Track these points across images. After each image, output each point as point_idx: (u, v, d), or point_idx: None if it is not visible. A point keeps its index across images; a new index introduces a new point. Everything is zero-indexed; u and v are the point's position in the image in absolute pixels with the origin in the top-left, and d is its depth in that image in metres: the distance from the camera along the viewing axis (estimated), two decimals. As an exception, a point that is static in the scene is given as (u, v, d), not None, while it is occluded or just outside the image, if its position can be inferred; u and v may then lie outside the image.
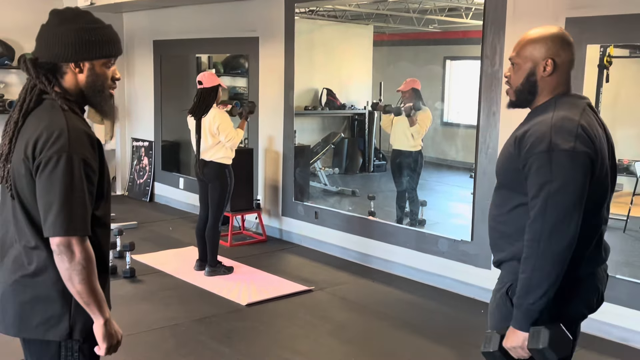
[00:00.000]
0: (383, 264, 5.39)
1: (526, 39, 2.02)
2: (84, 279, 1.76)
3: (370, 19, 7.55)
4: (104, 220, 1.93)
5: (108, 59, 1.91)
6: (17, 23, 7.42)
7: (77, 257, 1.76)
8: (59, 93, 1.86)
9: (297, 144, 6.39)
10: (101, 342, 1.86)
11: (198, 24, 7.10)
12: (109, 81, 1.93)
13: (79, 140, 1.79)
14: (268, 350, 3.82)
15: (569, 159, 1.84)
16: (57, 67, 1.87)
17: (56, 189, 1.74)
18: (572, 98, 2.01)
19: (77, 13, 1.91)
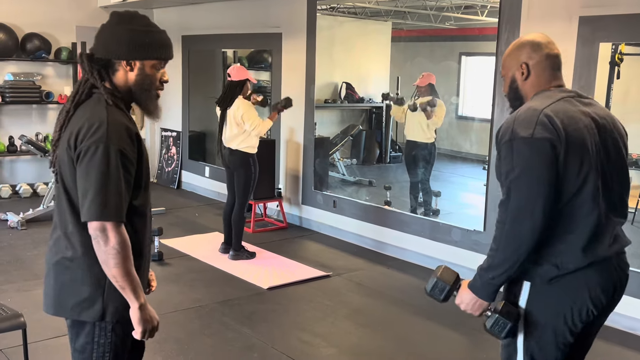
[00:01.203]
0: (398, 252, 5.50)
1: (505, 52, 2.13)
2: (118, 263, 1.82)
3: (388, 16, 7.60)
4: (142, 209, 1.97)
5: (158, 62, 1.99)
6: (54, 18, 7.66)
7: (112, 242, 1.81)
8: (107, 88, 1.94)
9: (317, 136, 6.50)
10: (136, 325, 1.91)
11: (224, 20, 7.23)
12: (157, 82, 2.01)
13: (118, 133, 1.85)
14: (287, 331, 3.93)
15: (527, 146, 1.88)
16: (110, 64, 1.95)
17: (92, 176, 1.81)
18: (550, 91, 2.04)
19: (134, 15, 2.00)
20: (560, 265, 1.94)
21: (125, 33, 1.94)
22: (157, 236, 5.25)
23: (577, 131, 1.93)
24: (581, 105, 2.02)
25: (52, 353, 3.55)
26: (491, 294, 1.99)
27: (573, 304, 1.96)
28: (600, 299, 1.97)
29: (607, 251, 1.97)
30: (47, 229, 6.53)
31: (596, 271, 1.96)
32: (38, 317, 3.94)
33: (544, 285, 1.97)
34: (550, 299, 1.97)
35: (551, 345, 2.00)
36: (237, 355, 3.56)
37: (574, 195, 1.93)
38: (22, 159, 7.75)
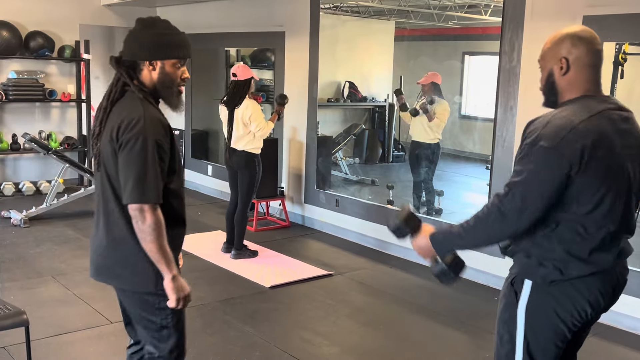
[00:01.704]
0: (400, 251, 5.50)
1: (546, 41, 2.04)
2: (153, 239, 2.08)
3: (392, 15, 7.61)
4: (177, 191, 2.24)
5: (177, 60, 2.20)
6: (58, 16, 7.69)
7: (148, 221, 2.07)
8: (137, 86, 2.18)
9: (320, 135, 6.52)
10: (170, 294, 2.15)
11: (227, 19, 7.25)
12: (178, 80, 2.23)
13: (153, 126, 2.10)
14: (290, 330, 3.94)
15: (545, 157, 1.86)
16: (136, 65, 2.19)
17: (133, 164, 2.06)
18: (592, 100, 1.96)
19: (156, 21, 2.22)
20: (564, 271, 1.95)
21: (147, 37, 2.18)
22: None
23: (604, 154, 1.89)
24: (620, 122, 1.96)
25: (55, 350, 3.56)
26: (445, 251, 2.09)
27: (573, 306, 1.98)
28: (599, 302, 2.00)
29: (611, 263, 1.99)
30: (50, 227, 6.61)
31: (598, 279, 1.98)
32: (41, 314, 3.98)
33: (545, 286, 1.99)
34: (550, 301, 1.99)
35: (550, 343, 2.02)
36: (239, 353, 3.57)
37: (587, 212, 1.92)
38: (25, 156, 7.77)
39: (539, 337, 2.01)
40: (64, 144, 7.82)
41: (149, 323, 2.28)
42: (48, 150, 6.48)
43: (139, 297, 2.26)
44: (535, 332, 2.01)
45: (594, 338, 3.89)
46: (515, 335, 2.04)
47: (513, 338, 2.05)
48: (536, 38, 4.43)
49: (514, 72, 4.58)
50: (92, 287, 4.57)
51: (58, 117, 8.01)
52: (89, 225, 6.46)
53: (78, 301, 4.29)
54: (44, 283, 4.62)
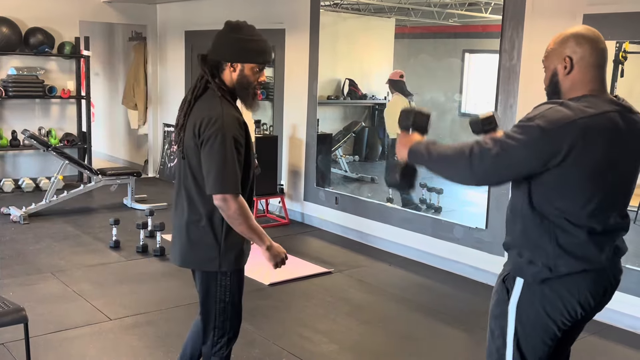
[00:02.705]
0: (400, 249, 5.52)
1: (550, 42, 2.03)
2: (241, 223, 2.35)
3: (392, 12, 7.59)
4: (245, 182, 2.43)
5: (256, 65, 2.38)
6: (58, 12, 7.68)
7: (232, 209, 2.32)
8: (217, 84, 2.38)
9: (320, 132, 6.51)
10: (269, 261, 2.51)
11: (227, 16, 7.15)
12: (254, 83, 2.41)
13: (231, 123, 2.32)
14: (289, 328, 3.94)
15: (531, 132, 1.86)
16: (219, 64, 2.40)
17: (214, 158, 2.29)
18: (599, 99, 1.94)
19: (242, 26, 2.40)
20: (554, 269, 1.96)
21: (231, 40, 2.38)
22: (159, 231, 5.28)
23: (596, 153, 1.88)
24: (623, 124, 1.93)
25: (54, 347, 3.56)
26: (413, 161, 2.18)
27: (563, 306, 1.99)
28: (589, 303, 2.00)
29: (603, 262, 1.98)
30: (50, 223, 6.60)
31: (589, 278, 1.98)
32: (40, 311, 3.98)
33: (536, 284, 2.00)
34: (541, 299, 2.00)
35: (539, 341, 2.04)
36: (238, 351, 3.57)
37: (578, 208, 1.93)
38: (25, 153, 7.77)
39: (528, 334, 2.03)
40: (63, 141, 7.82)
41: (207, 300, 2.53)
42: (48, 146, 6.48)
43: (204, 275, 2.50)
44: (525, 329, 2.03)
45: (594, 337, 3.90)
46: (506, 331, 2.06)
47: (504, 334, 2.07)
48: (536, 36, 4.43)
49: (514, 70, 4.58)
50: (92, 284, 4.58)
51: (58, 114, 8.01)
52: (89, 222, 6.48)
53: (77, 298, 4.29)
54: (44, 280, 4.62)
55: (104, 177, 6.61)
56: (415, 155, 2.14)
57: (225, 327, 2.58)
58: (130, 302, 4.26)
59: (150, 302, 4.27)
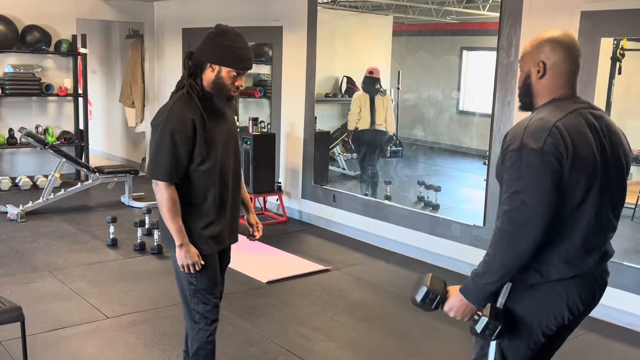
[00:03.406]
0: (398, 246, 5.52)
1: (527, 44, 2.06)
2: (163, 211, 2.53)
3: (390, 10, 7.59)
4: (207, 173, 2.58)
5: (233, 70, 2.52)
6: (54, 10, 7.66)
7: (158, 195, 2.54)
8: (189, 82, 2.56)
9: (318, 130, 6.51)
10: (178, 260, 2.58)
11: (225, 13, 7.23)
12: (229, 85, 2.56)
13: (174, 118, 2.51)
14: (286, 326, 3.95)
15: (537, 159, 1.85)
16: (202, 64, 2.55)
17: (151, 147, 2.55)
18: (565, 102, 1.98)
19: (228, 32, 2.55)
20: (545, 274, 1.95)
21: (215, 43, 2.53)
22: (156, 229, 5.27)
23: (585, 149, 1.90)
24: (592, 119, 1.98)
25: (51, 346, 3.56)
26: (483, 299, 1.98)
27: (550, 311, 1.98)
28: (578, 307, 2.00)
29: (592, 267, 1.99)
30: (47, 221, 6.59)
31: (577, 283, 1.98)
32: (37, 309, 3.97)
33: (525, 289, 1.99)
34: (528, 304, 1.99)
35: (523, 345, 2.03)
36: (236, 349, 3.57)
37: (570, 210, 1.92)
38: (22, 151, 7.75)
39: (511, 336, 2.02)
40: (60, 139, 7.80)
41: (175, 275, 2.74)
42: (45, 144, 6.47)
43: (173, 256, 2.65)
44: (509, 332, 2.02)
45: (591, 334, 3.91)
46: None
47: None
48: (534, 34, 4.35)
49: (511, 68, 4.58)
50: (89, 282, 4.57)
51: (55, 112, 7.99)
52: (86, 220, 6.46)
53: (75, 296, 4.28)
54: (41, 278, 4.61)
55: (102, 175, 6.59)
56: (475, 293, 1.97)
57: (200, 311, 2.68)
58: (127, 300, 4.25)
59: (148, 300, 4.26)
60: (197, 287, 2.65)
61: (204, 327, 2.69)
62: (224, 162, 2.65)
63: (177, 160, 2.52)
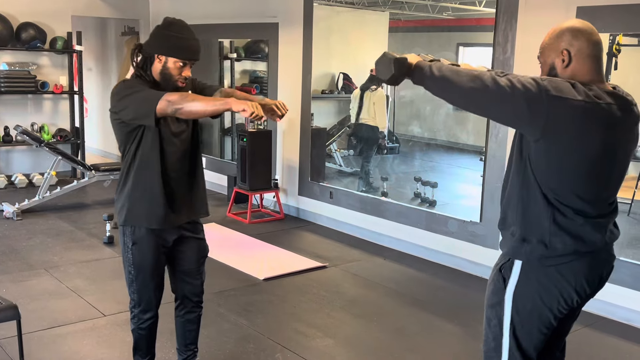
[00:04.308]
0: (394, 243, 5.52)
1: (545, 37, 2.07)
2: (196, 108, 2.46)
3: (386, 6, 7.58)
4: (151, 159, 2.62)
5: (179, 60, 2.59)
6: (49, 7, 7.63)
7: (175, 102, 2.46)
8: (137, 72, 2.64)
9: (314, 127, 6.51)
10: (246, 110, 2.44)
11: (220, 10, 7.21)
12: (176, 76, 2.61)
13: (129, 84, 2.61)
14: (283, 322, 3.95)
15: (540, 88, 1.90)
16: (151, 56, 2.62)
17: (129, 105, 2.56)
18: (600, 91, 1.96)
19: (173, 23, 2.62)
20: (549, 245, 1.99)
21: (161, 35, 2.61)
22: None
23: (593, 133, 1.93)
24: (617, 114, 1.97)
25: (47, 344, 3.55)
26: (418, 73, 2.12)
27: (559, 293, 2.01)
28: (585, 290, 2.03)
29: (598, 244, 2.02)
30: (43, 219, 6.57)
31: (584, 262, 2.01)
32: (33, 307, 3.96)
33: (532, 269, 2.02)
34: (537, 287, 2.03)
35: (535, 329, 2.07)
36: (233, 346, 3.57)
37: (575, 191, 1.97)
38: (18, 149, 7.73)
39: (524, 322, 2.06)
40: (56, 136, 7.78)
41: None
42: (40, 142, 6.45)
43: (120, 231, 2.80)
44: (521, 318, 2.06)
45: (588, 329, 3.92)
46: (502, 320, 2.09)
47: (501, 322, 2.10)
48: (530, 29, 4.43)
49: (507, 64, 4.58)
50: (85, 279, 4.56)
51: (50, 109, 7.97)
52: (82, 218, 6.44)
53: (71, 294, 4.28)
54: (37, 276, 4.60)
55: (98, 172, 6.57)
56: (422, 69, 2.09)
57: (134, 298, 2.79)
58: (124, 297, 4.21)
59: (145, 297, 4.25)
60: (134, 275, 2.75)
61: (138, 314, 2.84)
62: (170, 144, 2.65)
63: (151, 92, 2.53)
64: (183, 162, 2.73)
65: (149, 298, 2.81)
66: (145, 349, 2.93)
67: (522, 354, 2.08)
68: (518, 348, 2.08)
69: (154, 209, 2.66)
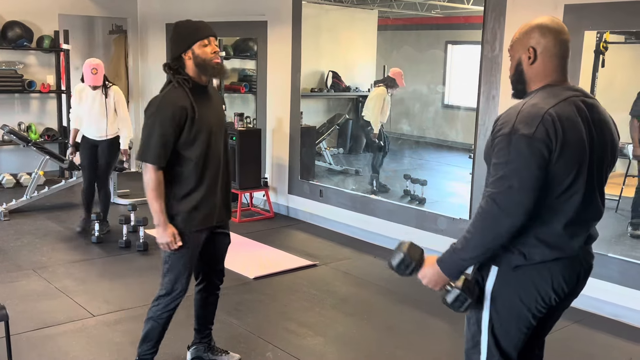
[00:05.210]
0: (385, 241, 5.51)
1: (516, 31, 2.08)
2: (147, 192, 2.75)
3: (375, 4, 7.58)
4: (196, 157, 2.78)
5: (200, 41, 2.72)
6: (36, 6, 7.57)
7: (146, 177, 2.74)
8: (176, 78, 2.77)
9: (304, 125, 6.51)
10: (157, 238, 2.81)
11: (209, 8, 7.18)
12: (209, 55, 2.74)
13: (165, 105, 2.73)
14: (274, 321, 3.94)
15: (526, 145, 1.86)
16: (179, 62, 2.78)
17: (142, 133, 2.76)
18: (558, 88, 1.99)
19: (178, 22, 2.81)
20: (528, 256, 1.98)
21: (173, 37, 2.81)
22: (142, 226, 5.24)
23: (575, 137, 1.92)
24: (584, 108, 1.99)
25: (36, 345, 3.53)
26: (456, 273, 2.03)
27: (537, 292, 2.01)
28: (563, 289, 2.03)
29: (576, 250, 2.02)
30: (31, 219, 6.52)
31: (561, 265, 2.01)
32: (21, 308, 3.93)
33: (509, 271, 2.02)
34: (515, 286, 2.03)
35: (514, 328, 2.07)
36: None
37: (556, 196, 1.95)
38: (5, 148, 7.66)
39: (502, 321, 2.06)
40: (44, 136, 7.72)
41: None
42: (28, 142, 6.40)
43: None
44: (499, 316, 2.06)
45: (576, 325, 3.94)
46: (480, 318, 2.10)
47: (479, 320, 2.11)
48: (518, 27, 4.42)
49: (496, 61, 4.60)
50: (74, 280, 4.53)
51: (38, 109, 7.90)
52: (71, 218, 6.39)
53: (60, 294, 4.25)
54: (25, 276, 4.56)
55: (86, 172, 6.52)
56: (450, 265, 2.02)
57: (165, 288, 2.94)
58: (113, 298, 4.23)
59: (134, 297, 4.24)
60: (171, 265, 2.88)
61: (163, 303, 2.95)
62: (213, 147, 2.83)
63: (166, 146, 2.71)
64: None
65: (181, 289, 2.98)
66: (155, 340, 3.04)
67: (501, 352, 2.08)
68: (496, 346, 2.08)
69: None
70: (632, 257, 4.11)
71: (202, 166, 2.81)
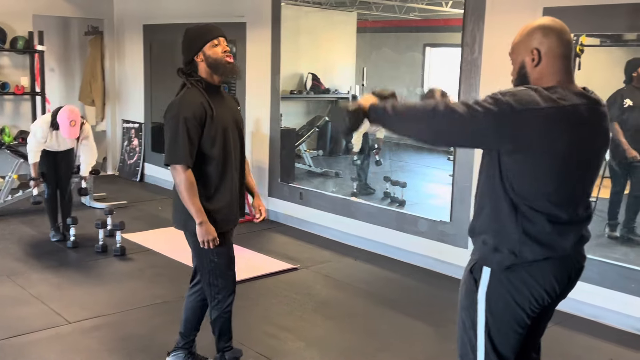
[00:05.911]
0: (365, 243, 5.51)
1: (517, 34, 2.04)
2: (183, 194, 2.79)
3: (353, 6, 7.59)
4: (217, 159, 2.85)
5: (210, 43, 2.79)
6: (10, 6, 7.45)
7: (177, 179, 2.79)
8: (189, 80, 2.84)
9: (283, 127, 6.48)
10: (198, 237, 2.83)
11: (187, 9, 7.13)
12: (220, 55, 2.81)
13: (186, 106, 2.77)
14: (254, 326, 3.90)
15: (502, 114, 1.87)
16: (192, 66, 2.86)
17: (167, 135, 2.80)
18: (566, 91, 1.93)
19: (187, 29, 2.89)
20: (518, 254, 1.98)
21: (184, 42, 2.89)
22: (118, 230, 5.16)
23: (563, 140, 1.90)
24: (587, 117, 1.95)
25: (9, 354, 3.45)
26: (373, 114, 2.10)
27: (529, 293, 2.01)
28: (555, 289, 2.04)
29: (567, 250, 2.02)
30: (4, 224, 6.40)
31: (553, 265, 2.01)
32: (-6, 316, 3.84)
33: (502, 272, 2.02)
34: (508, 288, 2.02)
35: (509, 329, 2.06)
36: (204, 350, 3.50)
37: (545, 197, 1.95)
38: (-23, 152, 7.50)
39: (498, 323, 2.05)
40: (18, 139, 7.56)
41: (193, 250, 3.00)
42: (1, 145, 6.28)
43: (186, 234, 2.96)
44: (495, 318, 2.05)
45: (556, 326, 3.96)
46: (476, 322, 2.08)
47: (474, 324, 2.09)
48: (497, 30, 4.47)
49: (475, 64, 4.61)
50: (49, 286, 4.45)
51: (11, 111, 7.76)
52: (45, 222, 6.28)
53: (34, 301, 4.16)
54: (2, 283, 4.46)
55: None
56: (376, 111, 2.09)
57: (219, 284, 2.98)
58: (89, 304, 4.15)
59: (110, 303, 4.16)
60: (217, 262, 2.94)
61: (222, 298, 3.00)
62: (231, 146, 2.91)
63: (192, 145, 2.77)
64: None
65: (232, 279, 3.07)
66: (228, 333, 3.13)
67: (498, 356, 2.07)
68: (494, 350, 2.07)
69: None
70: (610, 259, 4.15)
71: (222, 164, 2.88)
